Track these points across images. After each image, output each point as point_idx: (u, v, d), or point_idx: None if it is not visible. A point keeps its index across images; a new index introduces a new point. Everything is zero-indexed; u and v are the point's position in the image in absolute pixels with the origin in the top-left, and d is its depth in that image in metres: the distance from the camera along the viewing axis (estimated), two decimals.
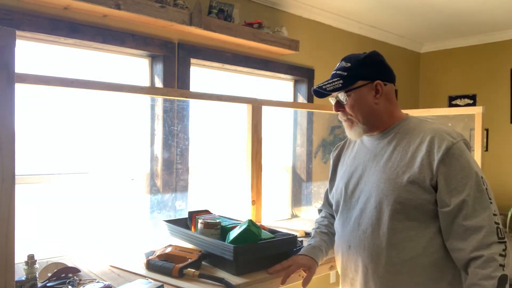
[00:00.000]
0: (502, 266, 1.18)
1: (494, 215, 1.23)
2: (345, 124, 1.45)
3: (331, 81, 1.40)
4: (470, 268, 1.21)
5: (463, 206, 1.22)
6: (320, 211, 1.75)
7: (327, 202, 1.70)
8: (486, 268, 1.17)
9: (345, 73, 1.38)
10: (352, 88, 1.37)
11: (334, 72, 1.42)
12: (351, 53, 1.45)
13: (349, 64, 1.39)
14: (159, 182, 2.44)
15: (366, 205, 1.37)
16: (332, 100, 1.45)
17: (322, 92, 1.44)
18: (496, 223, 1.22)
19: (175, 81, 2.50)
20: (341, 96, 1.39)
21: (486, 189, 1.25)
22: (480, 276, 1.18)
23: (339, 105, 1.42)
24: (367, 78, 1.38)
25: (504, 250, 1.20)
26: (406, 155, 1.33)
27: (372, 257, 1.34)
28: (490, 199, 1.24)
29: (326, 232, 1.60)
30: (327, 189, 1.68)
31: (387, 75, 1.41)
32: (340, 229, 1.48)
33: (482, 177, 1.26)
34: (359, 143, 1.54)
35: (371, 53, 1.42)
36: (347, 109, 1.40)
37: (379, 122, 1.41)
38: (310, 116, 3.33)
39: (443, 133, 1.30)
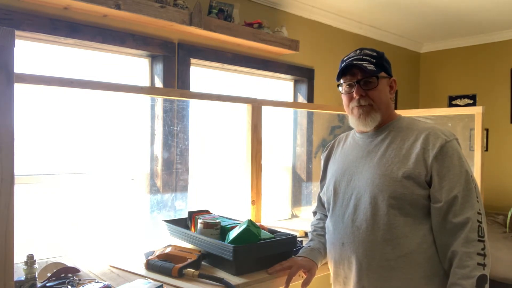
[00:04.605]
0: (481, 265, 1.20)
1: (479, 213, 1.26)
2: (360, 111, 1.40)
3: (365, 63, 1.37)
4: (451, 268, 1.24)
5: (454, 202, 1.26)
6: (314, 213, 1.76)
7: (320, 203, 1.71)
8: (465, 268, 1.20)
9: (374, 60, 1.39)
10: (380, 76, 1.40)
11: (360, 56, 1.39)
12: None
13: (375, 54, 1.41)
14: (159, 182, 2.44)
15: (360, 201, 1.38)
16: (346, 85, 1.41)
17: (343, 73, 1.41)
18: (478, 221, 1.24)
19: (175, 81, 2.50)
20: (373, 80, 1.38)
21: (475, 187, 1.29)
22: (459, 275, 1.21)
23: (361, 89, 1.39)
24: (387, 72, 1.42)
25: (483, 249, 1.22)
26: (400, 151, 1.35)
27: (367, 253, 1.34)
28: (477, 197, 1.28)
29: (323, 234, 1.60)
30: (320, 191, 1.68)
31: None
32: (333, 226, 1.48)
33: (471, 176, 1.30)
34: (350, 141, 1.55)
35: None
36: (373, 95, 1.38)
37: (385, 117, 1.43)
38: (310, 116, 3.33)
39: (437, 131, 1.34)
